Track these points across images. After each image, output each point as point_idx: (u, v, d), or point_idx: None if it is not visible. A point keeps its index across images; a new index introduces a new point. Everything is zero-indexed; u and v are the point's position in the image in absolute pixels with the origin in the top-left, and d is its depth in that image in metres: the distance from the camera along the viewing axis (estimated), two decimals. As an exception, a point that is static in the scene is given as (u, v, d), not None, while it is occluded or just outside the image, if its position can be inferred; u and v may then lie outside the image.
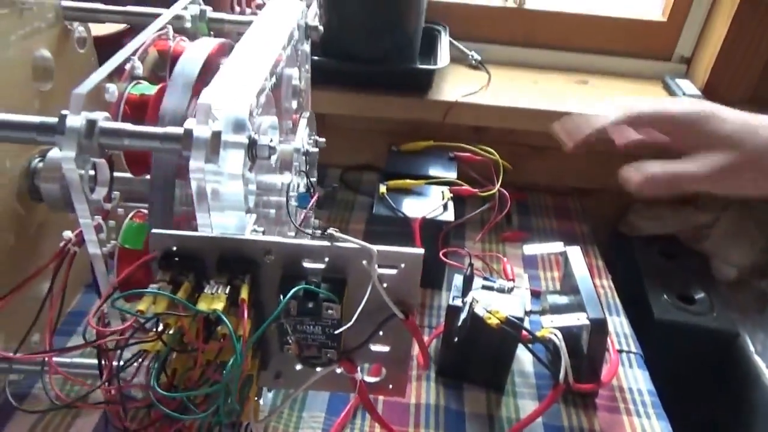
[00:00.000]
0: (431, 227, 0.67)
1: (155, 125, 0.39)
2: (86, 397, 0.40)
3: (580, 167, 0.97)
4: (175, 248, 0.38)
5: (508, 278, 0.71)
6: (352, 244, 0.38)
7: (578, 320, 0.55)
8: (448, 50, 0.87)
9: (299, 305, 0.38)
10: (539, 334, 0.56)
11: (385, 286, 0.38)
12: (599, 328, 0.55)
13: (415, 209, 0.68)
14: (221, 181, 0.36)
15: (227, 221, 0.38)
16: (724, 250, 0.91)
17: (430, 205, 0.69)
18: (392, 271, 0.39)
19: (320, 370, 0.43)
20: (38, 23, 0.52)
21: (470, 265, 0.59)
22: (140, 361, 0.37)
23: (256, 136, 0.37)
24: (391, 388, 0.45)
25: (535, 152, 0.95)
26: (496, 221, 0.79)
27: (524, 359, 0.64)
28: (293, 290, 0.37)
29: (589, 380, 0.57)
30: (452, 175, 0.77)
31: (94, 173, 0.40)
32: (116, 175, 0.44)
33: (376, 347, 0.43)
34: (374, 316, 0.40)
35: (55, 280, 0.41)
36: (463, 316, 0.55)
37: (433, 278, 0.72)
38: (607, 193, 0.99)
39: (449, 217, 0.68)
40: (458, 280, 0.59)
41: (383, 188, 0.70)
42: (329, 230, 0.38)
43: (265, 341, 0.42)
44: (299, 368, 0.44)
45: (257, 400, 0.45)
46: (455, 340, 0.58)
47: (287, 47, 0.50)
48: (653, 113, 0.52)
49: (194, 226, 0.43)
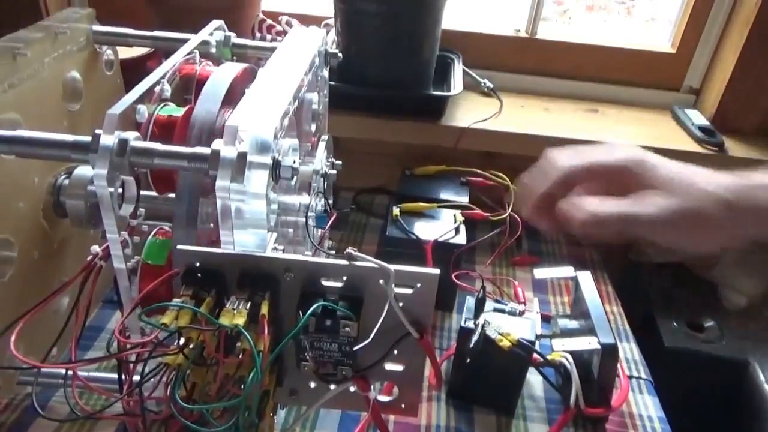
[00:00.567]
0: (443, 250, 0.68)
1: (182, 145, 0.40)
2: (107, 408, 0.40)
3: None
4: (198, 264, 0.39)
5: (519, 301, 0.71)
6: (370, 263, 0.39)
7: (589, 344, 0.56)
8: (461, 78, 0.89)
9: (317, 322, 0.39)
10: (550, 357, 0.57)
11: (400, 305, 0.39)
12: (610, 352, 0.55)
13: (427, 232, 0.69)
14: (245, 200, 0.38)
15: (249, 239, 0.40)
16: (733, 278, 0.91)
17: (442, 228, 0.70)
18: (408, 290, 0.40)
19: (334, 387, 0.44)
20: (70, 47, 0.55)
21: (482, 287, 0.60)
22: (161, 374, 0.38)
23: (279, 157, 0.39)
24: (403, 407, 0.46)
25: (545, 178, 0.97)
26: (506, 245, 0.80)
27: (534, 383, 0.64)
28: (312, 307, 0.38)
29: (599, 405, 0.57)
30: (464, 199, 0.78)
31: (121, 190, 0.41)
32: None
33: (389, 366, 0.43)
34: (389, 334, 0.41)
35: (81, 293, 0.43)
36: (474, 337, 0.56)
37: (444, 300, 0.73)
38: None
39: (461, 240, 0.69)
40: (470, 302, 0.60)
41: (396, 210, 0.72)
42: (348, 250, 0.39)
43: (281, 358, 0.43)
44: (313, 385, 0.45)
45: (273, 416, 0.45)
46: (467, 361, 0.58)
47: (308, 73, 0.51)
48: (586, 166, 0.49)
49: (214, 243, 0.44)
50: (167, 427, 0.40)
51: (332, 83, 0.61)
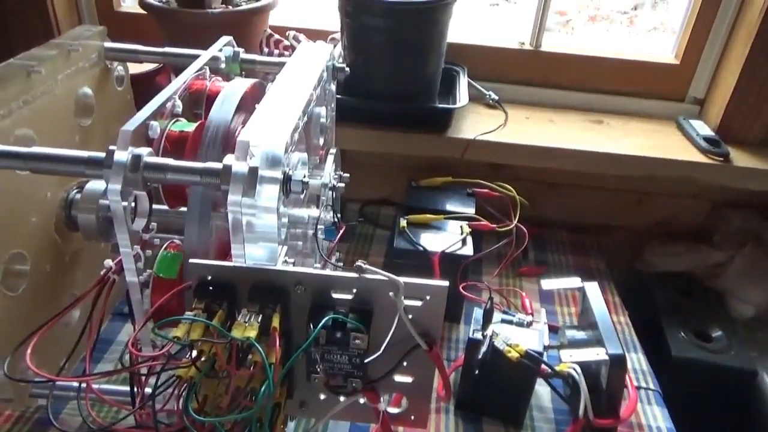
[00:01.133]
0: (450, 261, 0.68)
1: (194, 160, 0.41)
2: (121, 420, 0.41)
3: (595, 205, 0.98)
4: (210, 278, 0.39)
5: (527, 312, 0.71)
6: (379, 276, 0.39)
7: (597, 355, 0.56)
8: (466, 90, 0.89)
9: (328, 335, 0.40)
10: (558, 368, 0.57)
11: (410, 317, 0.40)
12: (619, 363, 0.55)
13: (434, 243, 0.70)
14: (256, 214, 0.38)
15: (260, 252, 0.40)
16: (740, 288, 0.91)
17: (449, 239, 0.71)
18: (417, 302, 0.40)
19: (344, 399, 0.44)
20: (83, 63, 0.56)
21: (490, 298, 0.60)
22: (173, 387, 0.39)
23: (290, 171, 0.39)
24: (413, 419, 0.46)
25: (551, 189, 0.97)
26: (513, 256, 0.80)
27: (542, 394, 0.64)
28: (323, 320, 0.38)
29: (608, 416, 0.57)
30: (471, 210, 0.78)
31: (134, 205, 0.42)
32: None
33: (399, 378, 0.44)
34: (398, 346, 0.41)
35: (95, 307, 0.43)
36: (483, 349, 0.56)
37: (451, 311, 0.73)
38: (622, 230, 1.01)
39: (468, 251, 0.69)
40: (478, 313, 0.60)
41: (404, 222, 0.72)
42: (358, 263, 0.39)
43: (291, 370, 0.44)
44: (323, 398, 0.45)
45: (283, 428, 0.46)
46: (475, 372, 0.58)
47: (317, 87, 0.52)
48: None
49: (224, 257, 0.45)
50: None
51: (339, 96, 0.62)
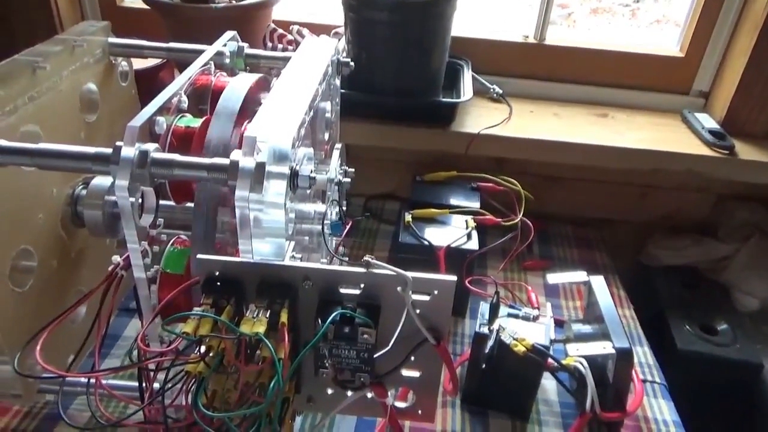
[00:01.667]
0: (456, 255, 0.68)
1: (200, 156, 0.41)
2: (130, 416, 0.41)
3: (600, 198, 0.98)
4: (218, 273, 0.39)
5: (533, 306, 0.71)
6: (387, 271, 0.39)
7: (604, 349, 0.56)
8: (470, 84, 0.89)
9: (336, 330, 0.40)
10: (565, 362, 0.57)
11: (418, 312, 0.40)
12: (625, 356, 0.55)
13: (439, 238, 0.70)
14: (264, 209, 0.38)
15: (267, 248, 0.40)
16: (745, 281, 0.91)
17: (454, 233, 0.70)
18: (425, 297, 0.40)
19: (351, 394, 0.44)
20: (87, 59, 0.55)
21: (496, 293, 0.60)
22: (182, 382, 0.39)
23: (297, 167, 0.39)
24: (420, 413, 0.46)
25: (556, 183, 0.97)
26: (519, 250, 0.80)
27: (548, 388, 0.64)
28: (332, 315, 0.38)
29: (614, 409, 0.57)
30: (475, 204, 0.78)
31: (141, 201, 0.42)
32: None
33: (406, 372, 0.44)
34: (406, 341, 0.41)
35: (103, 303, 0.43)
36: (490, 343, 0.56)
37: (457, 306, 0.73)
38: (627, 223, 1.00)
39: (474, 245, 0.69)
40: (484, 307, 0.60)
41: (408, 217, 0.72)
42: (365, 257, 0.39)
43: (299, 365, 0.44)
44: (331, 392, 0.45)
45: (291, 423, 0.46)
46: (482, 367, 0.58)
47: (322, 82, 0.52)
48: None
49: (230, 252, 0.45)
50: (188, 433, 0.40)
51: (343, 91, 0.62)
